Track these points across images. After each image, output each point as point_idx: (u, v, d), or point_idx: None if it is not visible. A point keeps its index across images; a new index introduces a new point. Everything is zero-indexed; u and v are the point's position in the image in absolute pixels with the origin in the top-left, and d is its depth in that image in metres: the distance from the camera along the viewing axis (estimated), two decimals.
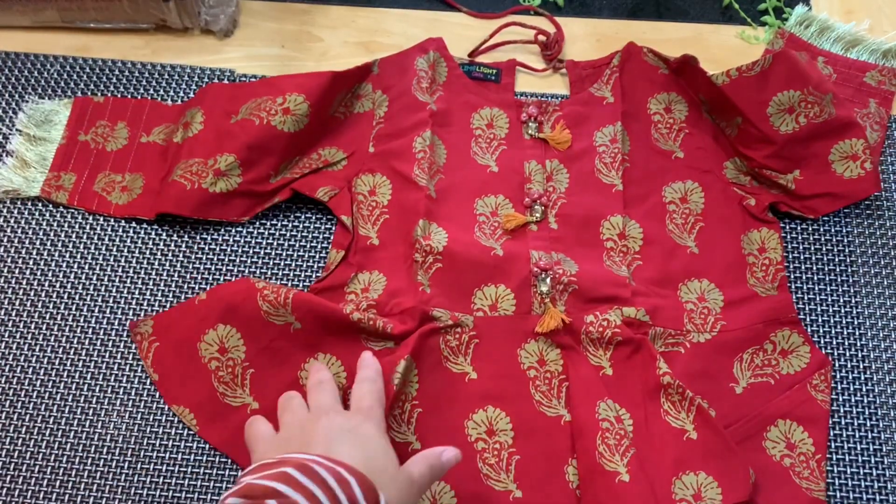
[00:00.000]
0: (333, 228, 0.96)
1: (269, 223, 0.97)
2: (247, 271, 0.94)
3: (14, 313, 0.92)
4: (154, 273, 0.94)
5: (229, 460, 0.85)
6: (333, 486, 0.61)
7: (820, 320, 0.93)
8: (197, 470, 0.85)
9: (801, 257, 0.96)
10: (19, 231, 0.96)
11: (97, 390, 0.88)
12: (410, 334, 0.85)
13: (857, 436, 0.87)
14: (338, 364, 0.86)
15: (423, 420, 0.84)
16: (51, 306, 0.92)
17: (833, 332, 0.92)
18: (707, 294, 0.92)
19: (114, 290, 0.93)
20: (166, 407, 0.87)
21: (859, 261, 0.96)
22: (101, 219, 0.97)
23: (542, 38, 1.06)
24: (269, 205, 0.96)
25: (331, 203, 0.95)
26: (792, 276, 0.95)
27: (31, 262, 0.94)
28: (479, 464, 0.83)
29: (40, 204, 0.97)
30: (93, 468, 0.85)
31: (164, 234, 0.96)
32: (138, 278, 0.94)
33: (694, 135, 1.00)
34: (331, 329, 0.86)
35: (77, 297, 0.93)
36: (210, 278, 0.94)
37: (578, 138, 0.99)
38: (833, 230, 0.97)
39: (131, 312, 0.92)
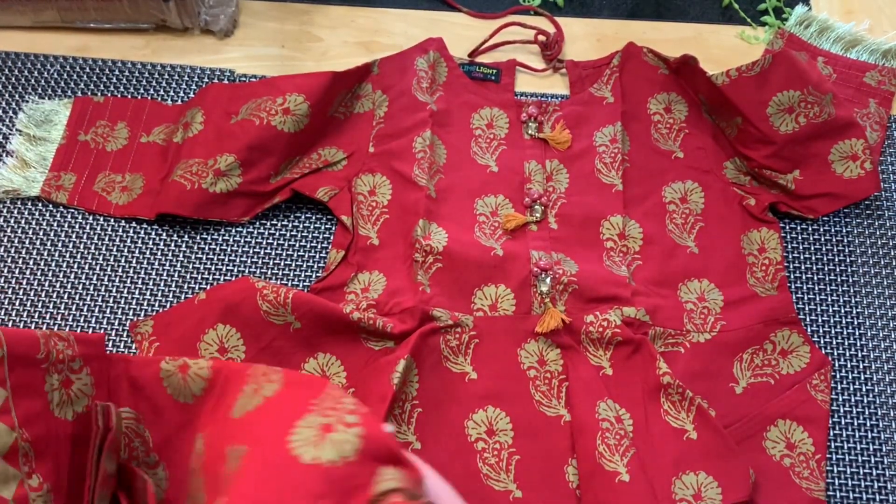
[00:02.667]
0: (333, 228, 0.96)
1: (269, 223, 0.97)
2: (247, 271, 0.94)
3: (14, 313, 0.92)
4: (154, 273, 0.94)
5: None
6: None
7: (820, 320, 0.93)
8: None
9: (801, 257, 0.96)
10: (19, 231, 0.96)
11: None
12: (410, 334, 0.85)
13: (857, 436, 0.87)
14: (338, 364, 0.86)
15: (423, 420, 0.84)
16: (51, 306, 0.92)
17: (833, 332, 0.92)
18: (707, 294, 0.92)
19: (114, 290, 0.93)
20: None
21: (859, 261, 0.96)
22: (101, 219, 0.97)
23: (542, 38, 1.06)
24: (269, 205, 0.96)
25: (331, 203, 0.95)
26: (792, 276, 0.95)
27: (31, 262, 0.94)
28: (479, 464, 0.83)
29: (40, 204, 0.97)
30: None
31: (164, 234, 0.96)
32: (138, 278, 0.94)
33: (694, 135, 1.00)
34: (331, 329, 0.86)
35: (77, 297, 0.93)
36: (210, 278, 0.94)
37: (578, 138, 0.99)
38: (833, 230, 0.97)
39: (131, 312, 0.92)
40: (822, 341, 0.91)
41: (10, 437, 0.60)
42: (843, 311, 0.93)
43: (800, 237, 0.97)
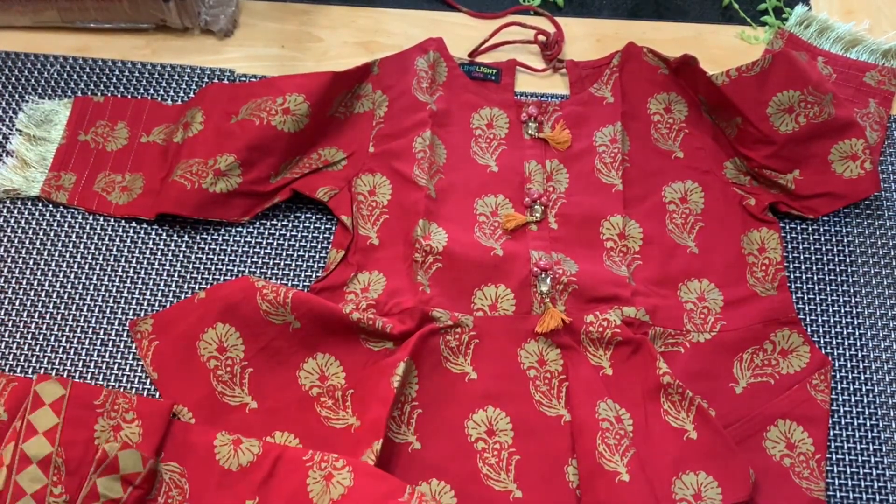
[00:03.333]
0: (333, 228, 0.96)
1: (269, 223, 0.97)
2: (247, 271, 0.94)
3: (14, 313, 0.92)
4: (154, 273, 0.94)
5: None
6: None
7: (820, 320, 0.93)
8: None
9: (801, 257, 0.96)
10: (19, 231, 0.96)
11: None
12: (410, 334, 0.85)
13: (857, 436, 0.87)
14: (336, 364, 0.86)
15: (423, 420, 0.84)
16: (51, 306, 0.92)
17: (833, 332, 0.92)
18: (707, 294, 0.92)
19: (114, 290, 0.93)
20: None
21: (859, 261, 0.96)
22: (101, 219, 0.97)
23: (542, 38, 1.06)
24: (269, 205, 0.96)
25: (331, 203, 0.95)
26: (792, 276, 0.95)
27: (31, 262, 0.94)
28: (480, 464, 0.83)
29: (40, 204, 0.97)
30: None
31: (164, 234, 0.96)
32: (138, 278, 0.94)
33: (694, 135, 1.00)
34: (330, 329, 0.86)
35: (77, 297, 0.93)
36: (210, 278, 0.94)
37: (578, 138, 0.99)
38: (833, 230, 0.97)
39: (131, 312, 0.92)
40: (822, 341, 0.91)
41: (46, 450, 0.77)
42: (843, 311, 0.93)
43: (800, 237, 0.97)
